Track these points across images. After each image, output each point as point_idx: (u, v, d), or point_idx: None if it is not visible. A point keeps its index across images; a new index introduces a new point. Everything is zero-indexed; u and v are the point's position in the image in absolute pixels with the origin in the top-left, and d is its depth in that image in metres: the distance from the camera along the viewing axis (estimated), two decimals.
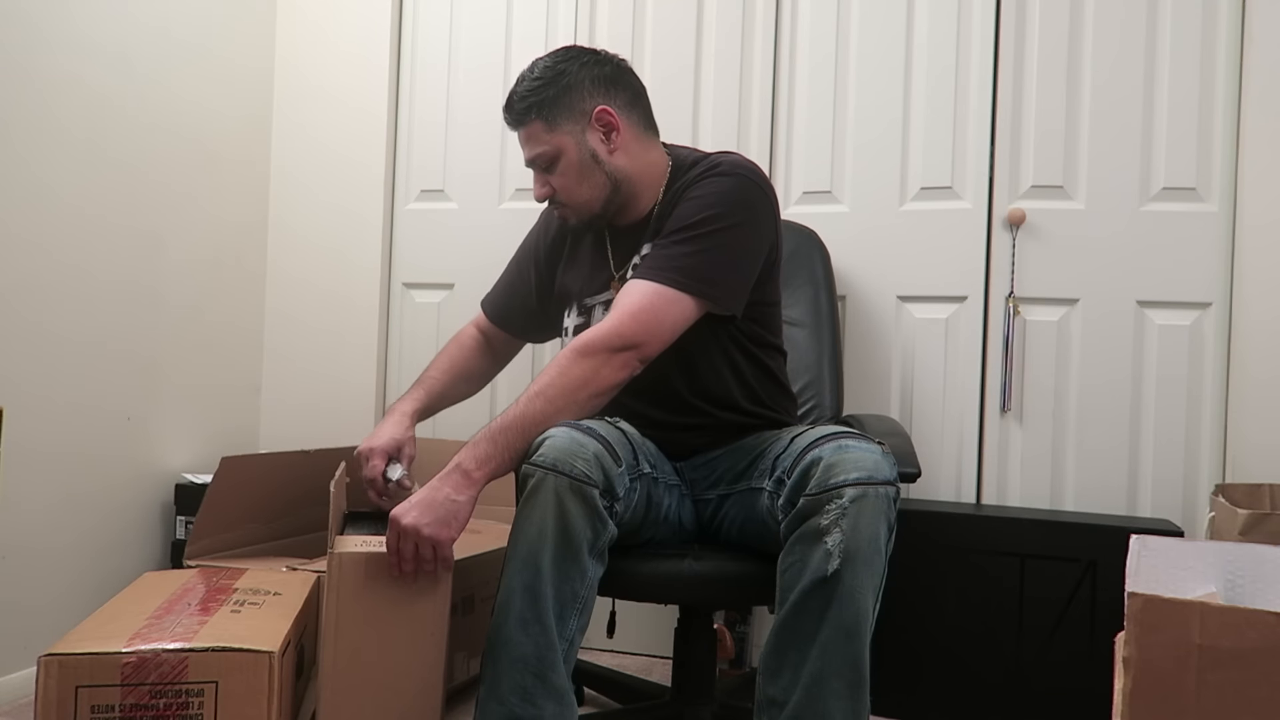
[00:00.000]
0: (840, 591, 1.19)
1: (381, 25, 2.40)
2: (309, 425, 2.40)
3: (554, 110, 1.49)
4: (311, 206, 2.43)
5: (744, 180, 1.47)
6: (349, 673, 1.34)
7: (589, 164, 1.50)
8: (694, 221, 1.44)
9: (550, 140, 1.50)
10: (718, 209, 1.44)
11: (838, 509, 1.21)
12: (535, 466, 1.27)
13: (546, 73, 1.50)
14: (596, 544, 1.28)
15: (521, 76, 1.52)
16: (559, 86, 1.49)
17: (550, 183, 1.52)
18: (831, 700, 1.19)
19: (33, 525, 1.83)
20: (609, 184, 1.52)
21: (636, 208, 1.55)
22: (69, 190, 1.89)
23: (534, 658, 1.24)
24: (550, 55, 1.54)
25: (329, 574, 1.32)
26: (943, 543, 1.85)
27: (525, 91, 1.50)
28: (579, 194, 1.52)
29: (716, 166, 1.49)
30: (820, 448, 1.27)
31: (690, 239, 1.43)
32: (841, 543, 1.19)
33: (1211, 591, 1.19)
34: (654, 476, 1.43)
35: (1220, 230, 1.93)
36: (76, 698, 1.21)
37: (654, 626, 2.17)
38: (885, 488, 1.23)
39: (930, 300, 2.07)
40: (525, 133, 1.52)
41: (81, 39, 1.90)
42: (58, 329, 1.87)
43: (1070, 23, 2.00)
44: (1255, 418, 1.87)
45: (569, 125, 1.50)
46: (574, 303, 1.60)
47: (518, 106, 1.51)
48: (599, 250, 1.60)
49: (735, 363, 1.51)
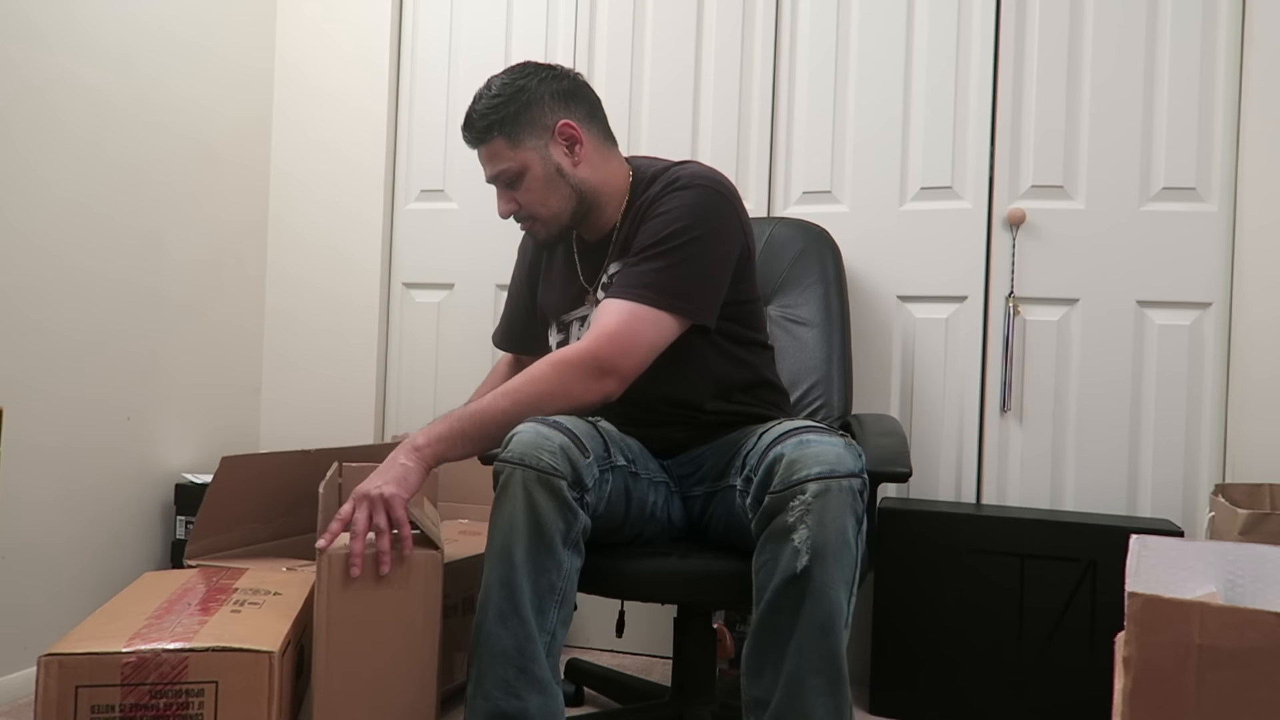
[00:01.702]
0: (812, 588, 1.19)
1: (381, 25, 2.40)
2: (309, 425, 2.40)
3: (516, 126, 1.50)
4: (311, 206, 2.44)
5: (704, 190, 1.49)
6: (341, 672, 1.34)
7: (554, 177, 1.52)
8: (661, 237, 1.46)
9: (514, 156, 1.51)
10: (682, 222, 1.46)
11: (802, 505, 1.21)
12: (504, 462, 1.30)
13: (505, 89, 1.51)
14: (569, 535, 1.29)
15: (478, 95, 1.53)
16: (519, 103, 1.50)
17: (516, 199, 1.54)
18: (812, 697, 1.19)
19: (33, 525, 1.83)
20: (574, 195, 1.54)
21: (602, 219, 1.57)
22: (69, 190, 1.89)
23: (514, 651, 1.25)
24: (506, 73, 1.54)
25: (319, 574, 1.33)
26: (943, 543, 1.85)
27: (485, 109, 1.51)
28: (547, 207, 1.54)
29: (676, 180, 1.50)
30: (783, 444, 1.27)
31: (659, 254, 1.45)
32: (809, 539, 1.20)
33: (1211, 591, 1.19)
34: (632, 471, 1.43)
35: (1220, 230, 1.93)
36: (76, 698, 1.21)
37: (654, 626, 2.17)
38: (849, 480, 1.23)
39: (930, 300, 2.07)
40: (487, 151, 1.53)
41: (82, 39, 1.90)
42: (58, 328, 1.87)
43: (1070, 23, 2.00)
44: (1255, 418, 1.87)
45: (532, 140, 1.51)
46: (553, 321, 1.63)
47: (478, 125, 1.51)
48: (569, 266, 1.62)
49: (714, 367, 1.52)
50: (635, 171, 1.59)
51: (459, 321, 2.37)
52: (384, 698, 1.36)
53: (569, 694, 1.88)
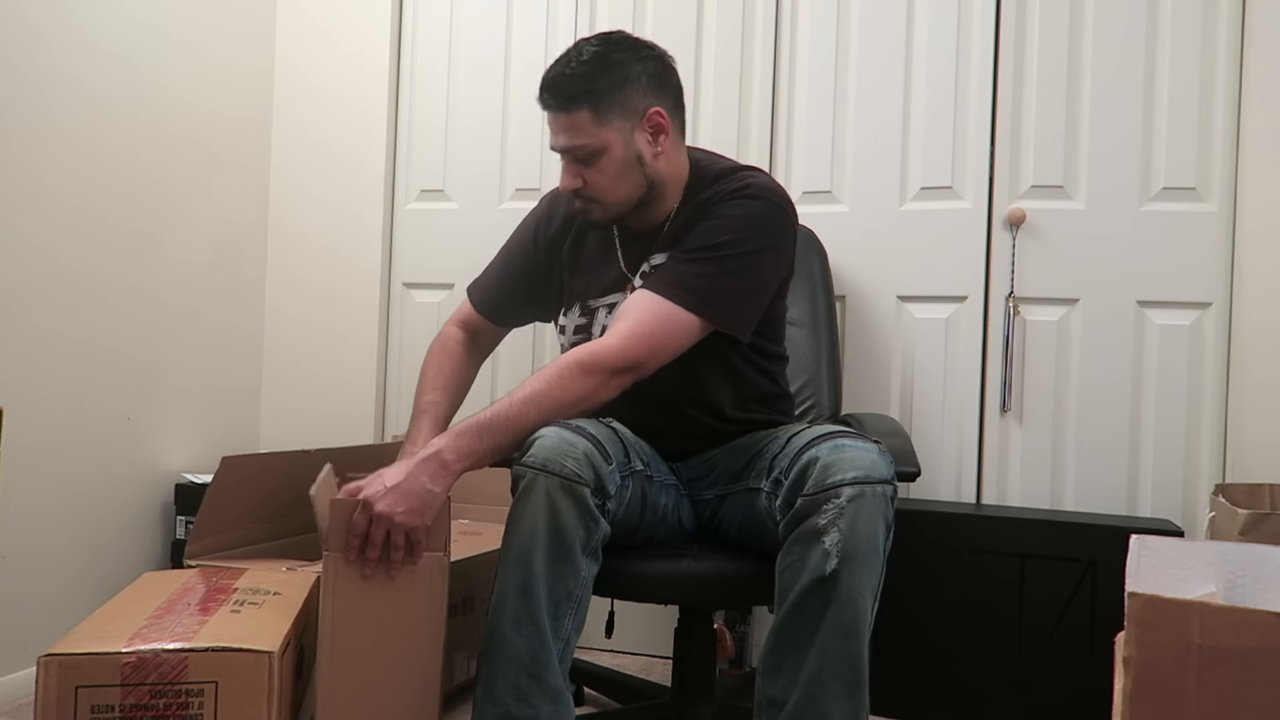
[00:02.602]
0: (839, 591, 1.19)
1: (381, 25, 2.40)
2: (309, 425, 2.40)
3: (607, 103, 1.41)
4: (311, 207, 2.43)
5: (772, 206, 1.44)
6: (345, 673, 1.34)
7: (632, 164, 1.44)
8: (717, 242, 1.41)
9: (597, 134, 1.42)
10: (743, 233, 1.41)
11: (835, 509, 1.20)
12: (526, 467, 1.27)
13: (600, 61, 1.41)
14: (589, 542, 1.28)
15: (567, 58, 1.43)
16: (614, 78, 1.41)
17: (584, 176, 1.44)
18: (830, 700, 1.19)
19: (33, 525, 1.83)
20: (644, 185, 1.46)
21: (654, 211, 1.50)
22: (68, 190, 1.89)
23: (528, 657, 1.24)
24: (599, 40, 1.44)
25: (324, 574, 1.33)
26: (943, 543, 1.85)
27: (578, 75, 1.41)
28: (615, 193, 1.45)
29: (746, 188, 1.44)
30: (817, 447, 1.27)
31: (709, 259, 1.41)
32: (840, 542, 1.19)
33: (1211, 591, 1.19)
34: (648, 475, 1.43)
35: (1220, 230, 1.93)
36: (76, 698, 1.20)
37: (654, 626, 2.16)
38: (882, 486, 1.23)
39: (930, 300, 2.07)
40: (568, 120, 1.42)
41: (80, 38, 1.90)
42: (57, 329, 1.87)
43: (1070, 23, 2.00)
44: (1255, 418, 1.87)
45: (619, 121, 1.42)
46: (576, 302, 1.56)
47: (567, 90, 1.41)
48: (606, 250, 1.55)
49: (738, 376, 1.51)
50: (694, 165, 1.52)
51: None
52: (388, 698, 1.36)
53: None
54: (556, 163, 2.27)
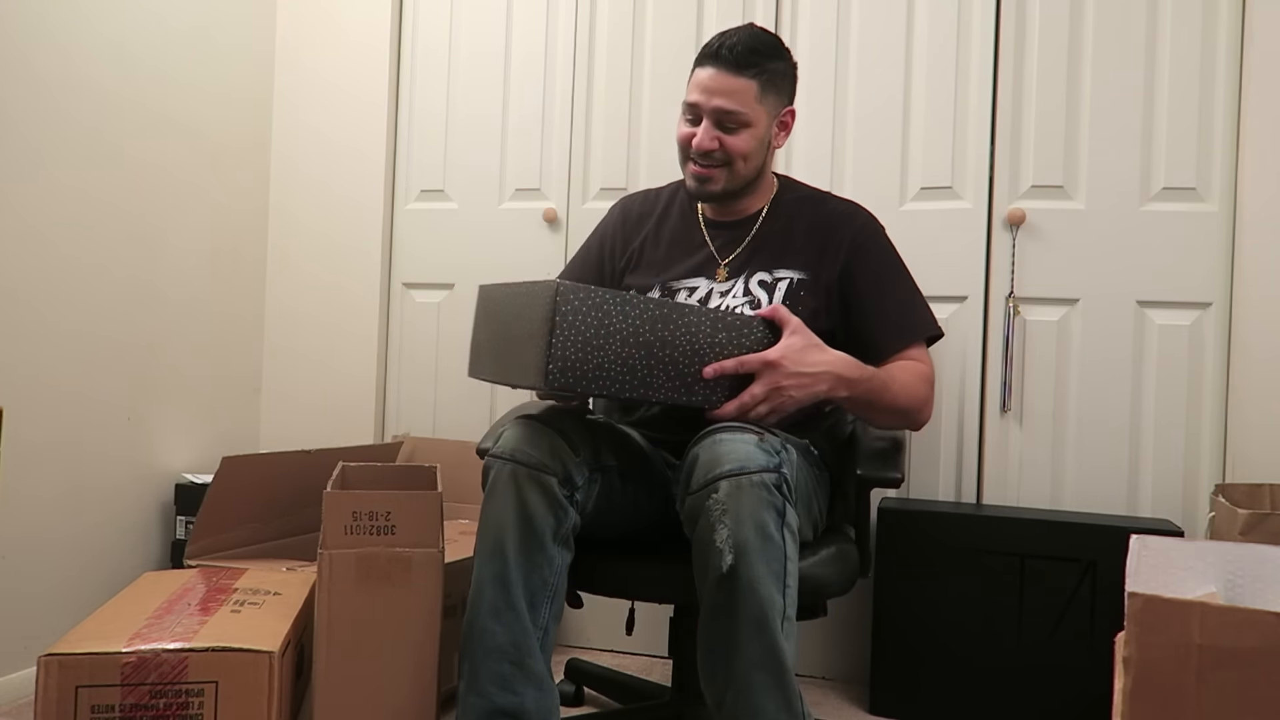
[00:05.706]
0: (740, 585, 1.19)
1: (382, 24, 2.40)
2: (309, 425, 2.40)
3: (771, 84, 1.50)
4: (312, 199, 2.43)
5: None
6: (342, 671, 1.34)
7: (762, 147, 1.53)
8: (903, 272, 1.61)
9: (753, 107, 1.49)
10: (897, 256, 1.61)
11: (717, 504, 1.21)
12: (494, 457, 1.30)
13: (777, 46, 1.52)
14: (559, 531, 1.29)
15: (741, 32, 1.49)
16: (783, 65, 1.52)
17: (722, 140, 1.50)
18: (759, 695, 1.18)
19: (33, 524, 1.83)
20: (759, 171, 1.56)
21: (747, 203, 1.60)
22: (68, 183, 1.88)
23: (510, 645, 1.25)
24: (766, 33, 1.53)
25: (320, 574, 1.33)
26: (943, 542, 1.85)
27: (758, 48, 1.48)
28: (747, 164, 1.53)
29: (870, 220, 1.62)
30: (699, 444, 1.27)
31: (910, 288, 1.60)
32: (729, 537, 1.19)
33: (1211, 591, 1.19)
34: (622, 470, 1.41)
35: (1220, 230, 1.93)
36: (76, 698, 1.21)
37: (654, 626, 2.16)
38: (760, 475, 1.21)
39: (930, 300, 2.05)
40: (735, 83, 1.47)
41: (80, 30, 1.90)
42: (57, 326, 1.87)
43: (1070, 22, 2.00)
44: (1255, 418, 1.87)
45: (771, 106, 1.51)
46: (655, 284, 1.58)
47: (744, 57, 1.47)
48: (691, 236, 1.61)
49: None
50: (779, 178, 1.66)
51: (459, 321, 2.36)
52: (385, 697, 1.36)
53: (569, 694, 1.88)
54: (556, 164, 2.31)
